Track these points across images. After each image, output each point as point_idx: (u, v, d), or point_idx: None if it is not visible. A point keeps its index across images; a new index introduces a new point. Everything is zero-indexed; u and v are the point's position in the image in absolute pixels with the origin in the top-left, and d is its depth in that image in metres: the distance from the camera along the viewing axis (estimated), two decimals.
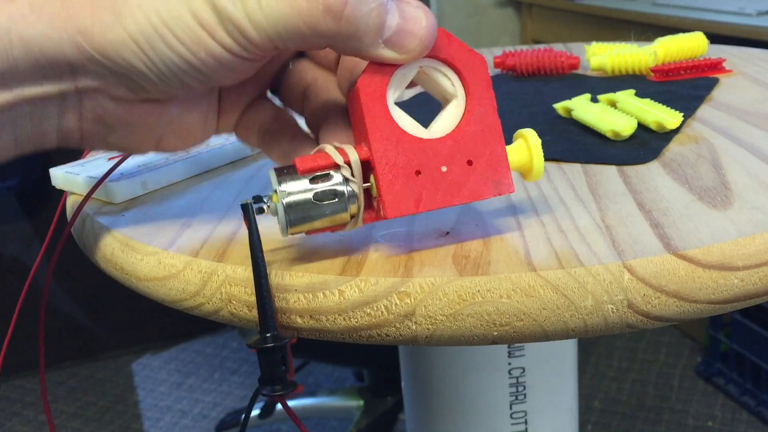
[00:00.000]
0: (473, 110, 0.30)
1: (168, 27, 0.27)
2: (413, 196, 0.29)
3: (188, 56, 0.28)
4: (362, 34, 0.27)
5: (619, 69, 0.60)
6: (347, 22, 0.27)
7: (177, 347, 1.87)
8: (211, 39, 0.27)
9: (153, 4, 0.27)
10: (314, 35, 0.27)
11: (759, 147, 0.40)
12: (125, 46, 0.27)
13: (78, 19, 0.27)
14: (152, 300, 0.34)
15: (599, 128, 0.44)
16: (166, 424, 1.58)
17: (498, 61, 0.64)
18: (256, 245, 0.28)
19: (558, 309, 0.28)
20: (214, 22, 0.27)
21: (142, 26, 0.27)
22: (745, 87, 0.54)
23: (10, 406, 1.68)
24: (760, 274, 0.29)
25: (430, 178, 0.29)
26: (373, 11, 0.27)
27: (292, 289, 0.29)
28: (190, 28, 0.27)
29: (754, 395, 1.47)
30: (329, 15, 0.26)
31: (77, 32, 0.27)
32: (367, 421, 1.38)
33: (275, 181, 0.29)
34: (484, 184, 0.30)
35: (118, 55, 0.28)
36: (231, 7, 0.27)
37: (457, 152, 0.30)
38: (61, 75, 0.29)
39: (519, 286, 0.28)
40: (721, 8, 1.43)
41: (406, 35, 0.28)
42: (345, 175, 0.29)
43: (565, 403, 0.62)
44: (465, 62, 0.30)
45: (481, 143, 0.30)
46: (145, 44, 0.27)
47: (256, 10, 0.27)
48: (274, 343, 0.28)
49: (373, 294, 0.28)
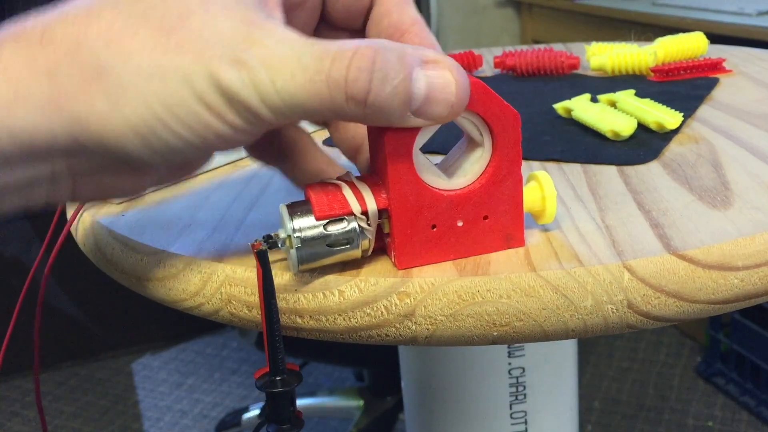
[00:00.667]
0: (499, 166, 0.29)
1: (172, 113, 0.25)
2: (425, 249, 0.29)
3: (194, 140, 0.26)
4: (389, 114, 0.25)
5: (619, 69, 0.60)
6: (372, 107, 0.25)
7: (177, 347, 1.87)
8: (220, 122, 0.25)
9: (151, 88, 0.25)
10: (337, 116, 0.26)
11: (759, 147, 0.40)
12: (125, 137, 0.25)
13: (71, 106, 0.25)
14: (152, 300, 0.34)
15: (599, 128, 0.44)
16: (166, 424, 1.58)
17: (498, 61, 0.64)
18: (269, 292, 0.28)
19: (558, 309, 0.28)
20: (221, 104, 0.25)
21: (142, 115, 0.25)
22: (745, 87, 0.54)
23: (10, 406, 1.68)
24: (759, 275, 0.29)
25: (445, 231, 0.29)
26: (398, 88, 0.25)
27: (293, 289, 0.29)
28: (196, 113, 0.25)
29: (754, 395, 1.47)
30: (353, 102, 0.25)
31: (71, 121, 0.25)
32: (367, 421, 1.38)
33: (287, 220, 0.28)
34: (495, 239, 0.30)
35: (118, 146, 0.25)
36: (243, 90, 0.24)
37: (476, 207, 0.29)
38: (54, 161, 0.26)
39: (519, 286, 0.28)
40: (721, 8, 1.43)
41: (435, 104, 0.26)
42: (361, 225, 0.28)
43: (565, 403, 0.62)
44: (498, 117, 0.28)
45: (500, 199, 0.29)
46: (148, 134, 0.25)
47: (270, 93, 0.24)
48: (283, 387, 0.29)
49: (373, 294, 0.28)
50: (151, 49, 0.25)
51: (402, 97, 0.25)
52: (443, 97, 0.26)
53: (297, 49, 0.25)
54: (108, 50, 0.25)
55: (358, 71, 0.24)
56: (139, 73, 0.25)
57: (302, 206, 0.28)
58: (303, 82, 0.24)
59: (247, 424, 1.45)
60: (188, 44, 0.25)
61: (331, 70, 0.24)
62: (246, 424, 1.45)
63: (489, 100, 0.28)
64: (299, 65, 0.24)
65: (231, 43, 0.25)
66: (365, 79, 0.24)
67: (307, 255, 0.28)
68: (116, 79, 0.25)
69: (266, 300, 0.28)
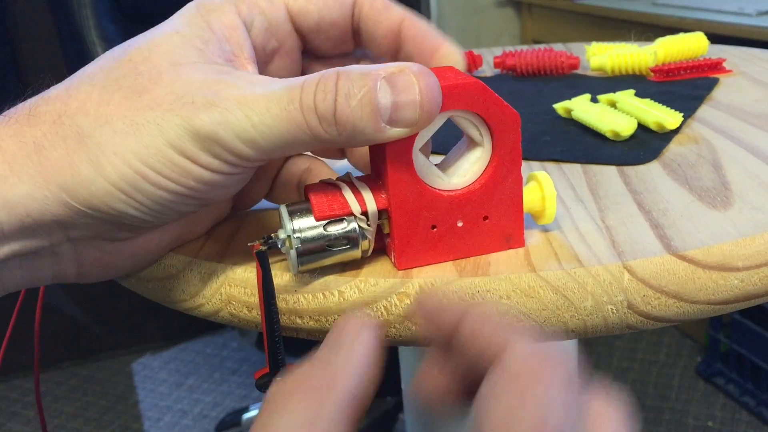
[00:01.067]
0: (499, 165, 0.29)
1: (149, 166, 0.26)
2: (425, 249, 0.29)
3: (176, 188, 0.26)
4: (363, 128, 0.26)
5: (619, 69, 0.60)
6: (343, 124, 0.25)
7: (177, 347, 1.87)
8: (196, 166, 0.26)
9: (128, 145, 0.26)
10: (318, 142, 0.26)
11: (759, 147, 0.40)
12: (111, 196, 0.26)
13: (58, 175, 0.26)
14: (152, 300, 0.34)
15: (599, 128, 0.44)
16: (166, 424, 1.57)
17: (498, 61, 0.64)
18: (269, 293, 0.28)
19: (558, 310, 0.28)
20: (195, 148, 0.26)
21: (122, 172, 0.26)
22: (745, 87, 0.53)
23: (10, 406, 1.68)
24: (760, 275, 0.29)
25: (445, 232, 0.29)
26: (363, 101, 0.25)
27: (292, 289, 0.29)
28: (172, 161, 0.26)
29: (754, 395, 1.47)
30: (325, 123, 0.25)
31: (60, 190, 0.26)
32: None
33: (287, 221, 0.28)
34: (495, 239, 0.30)
35: (107, 206, 0.26)
36: (219, 130, 0.25)
37: (476, 208, 0.29)
38: (51, 230, 0.27)
39: (519, 286, 0.28)
40: (721, 8, 1.43)
41: (404, 108, 0.26)
42: (361, 225, 0.28)
43: None
44: (498, 117, 0.28)
45: (500, 200, 0.29)
46: (130, 189, 0.26)
47: (247, 129, 0.25)
48: None
49: (373, 295, 0.28)
50: (126, 110, 0.26)
51: (368, 108, 0.25)
52: (410, 99, 0.26)
53: (268, 86, 0.26)
54: (87, 119, 0.26)
55: (323, 93, 0.25)
56: (115, 133, 0.26)
57: (302, 207, 0.28)
58: (278, 112, 0.25)
59: (247, 424, 1.44)
60: (160, 99, 0.26)
61: (302, 97, 0.25)
62: (246, 424, 1.45)
63: (489, 100, 0.28)
64: (273, 98, 0.25)
65: (203, 90, 0.26)
66: (330, 98, 0.25)
67: (307, 256, 0.28)
68: (96, 143, 0.26)
69: (266, 301, 0.28)
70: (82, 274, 0.30)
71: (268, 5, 0.31)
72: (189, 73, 0.27)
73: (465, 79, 0.28)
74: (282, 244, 0.28)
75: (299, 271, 0.29)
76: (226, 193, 0.29)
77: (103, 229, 0.28)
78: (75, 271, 0.30)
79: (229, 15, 0.30)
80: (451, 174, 0.29)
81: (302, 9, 0.31)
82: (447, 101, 0.27)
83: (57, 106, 0.27)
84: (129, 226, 0.28)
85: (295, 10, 0.31)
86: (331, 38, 0.31)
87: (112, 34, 0.99)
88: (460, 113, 0.28)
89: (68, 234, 0.28)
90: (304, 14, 0.31)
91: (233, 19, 0.30)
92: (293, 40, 0.32)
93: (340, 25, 0.31)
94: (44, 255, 0.28)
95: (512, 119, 0.29)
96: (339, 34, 0.31)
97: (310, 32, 0.31)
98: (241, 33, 0.30)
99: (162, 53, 0.27)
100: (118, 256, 0.30)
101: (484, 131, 0.29)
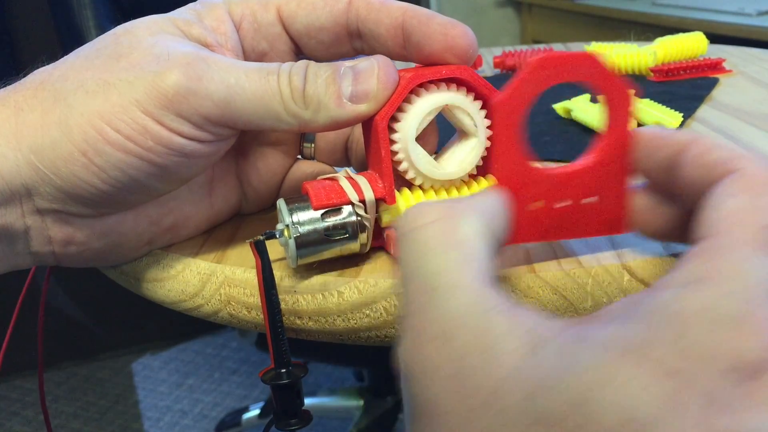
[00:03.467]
0: (610, 145, 0.27)
1: (111, 125, 0.26)
2: (521, 228, 0.29)
3: (136, 150, 0.26)
4: (326, 102, 0.27)
5: (619, 69, 0.60)
6: (310, 99, 0.27)
7: (177, 347, 1.87)
8: (160, 126, 0.26)
9: (95, 105, 0.26)
10: (288, 115, 0.27)
11: (759, 147, 0.40)
12: (73, 158, 0.26)
13: (30, 138, 0.26)
14: (152, 301, 0.34)
15: (599, 128, 0.44)
16: (166, 424, 1.57)
17: (498, 61, 0.64)
18: (269, 283, 0.28)
19: (557, 310, 0.28)
20: (161, 110, 0.26)
21: (85, 132, 0.26)
22: (745, 87, 0.53)
23: (10, 406, 1.68)
24: None
25: (543, 212, 0.28)
26: (327, 80, 0.28)
27: (292, 290, 0.29)
28: (134, 120, 0.26)
29: None
30: (297, 94, 0.27)
31: (30, 151, 0.26)
32: (367, 421, 1.38)
33: (286, 213, 0.28)
34: (596, 223, 0.27)
35: (68, 171, 0.26)
36: (194, 86, 0.26)
37: (579, 189, 0.27)
38: (20, 198, 0.27)
39: (518, 287, 0.28)
40: (721, 8, 1.43)
41: (363, 82, 0.28)
42: (358, 212, 0.28)
43: None
44: (612, 88, 0.27)
45: (607, 182, 0.27)
46: (91, 151, 0.26)
47: (220, 89, 0.26)
48: (289, 379, 0.28)
49: (372, 295, 0.28)
50: (101, 72, 0.27)
51: (332, 87, 0.27)
52: (369, 73, 0.28)
53: (244, 63, 0.28)
54: (65, 83, 0.27)
55: (296, 74, 0.28)
56: (86, 92, 0.26)
57: (300, 199, 0.29)
58: (257, 78, 0.27)
59: (247, 424, 1.44)
60: (136, 60, 0.27)
61: (279, 73, 0.27)
62: (246, 424, 1.44)
63: (600, 70, 0.27)
64: (252, 67, 0.27)
65: (180, 58, 0.27)
66: (301, 76, 0.27)
67: (306, 247, 0.28)
68: (68, 105, 0.26)
69: (266, 290, 0.28)
70: (58, 254, 0.30)
71: (260, 8, 0.31)
72: (169, 42, 0.28)
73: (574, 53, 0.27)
74: (280, 234, 0.28)
75: (298, 264, 0.29)
76: (187, 171, 0.29)
77: (67, 203, 0.28)
78: (49, 249, 0.29)
79: (220, 10, 0.31)
80: (446, 164, 0.29)
81: (292, 13, 0.31)
82: (560, 71, 0.26)
83: (41, 75, 0.28)
84: (91, 202, 0.28)
85: (285, 14, 0.31)
86: (323, 42, 0.31)
87: None
88: (459, 101, 0.28)
89: (36, 204, 0.28)
90: (293, 18, 0.31)
91: (222, 15, 0.31)
92: (283, 43, 0.32)
93: (331, 30, 0.31)
94: (17, 228, 0.28)
95: (625, 91, 0.27)
96: (330, 38, 0.31)
97: (300, 36, 0.31)
98: (228, 27, 0.31)
99: (144, 27, 0.29)
100: (91, 236, 0.30)
101: (478, 120, 0.29)
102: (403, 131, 0.28)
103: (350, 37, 0.31)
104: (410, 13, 0.29)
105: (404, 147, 0.28)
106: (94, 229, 0.29)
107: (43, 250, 0.29)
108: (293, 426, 0.28)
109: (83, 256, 0.30)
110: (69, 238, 0.29)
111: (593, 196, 0.27)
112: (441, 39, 0.29)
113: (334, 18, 0.31)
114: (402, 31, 0.30)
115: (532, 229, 0.27)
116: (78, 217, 0.29)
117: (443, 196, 0.29)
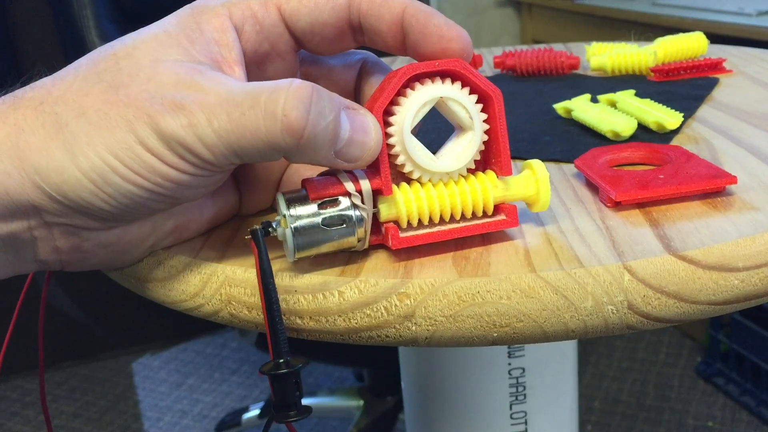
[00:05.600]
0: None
1: (118, 159, 0.26)
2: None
3: (144, 183, 0.27)
4: (319, 148, 0.27)
5: (619, 69, 0.60)
6: (306, 140, 0.26)
7: (177, 347, 1.87)
8: (163, 164, 0.27)
9: (100, 138, 0.26)
10: (272, 150, 0.27)
11: (759, 147, 0.40)
12: (81, 185, 0.27)
13: (33, 159, 0.27)
14: (152, 300, 0.34)
15: (599, 128, 0.44)
16: (166, 424, 1.57)
17: (498, 61, 0.64)
18: (266, 272, 0.28)
19: (558, 310, 0.28)
20: (162, 148, 0.26)
21: (93, 163, 0.26)
22: (745, 87, 0.53)
23: (10, 406, 1.68)
24: (760, 275, 0.29)
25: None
26: (330, 125, 0.27)
27: (292, 290, 0.29)
28: (140, 157, 0.26)
29: (754, 395, 1.47)
30: (288, 133, 0.26)
31: (34, 172, 0.27)
32: (367, 421, 1.38)
33: (284, 206, 0.28)
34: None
35: (76, 195, 0.27)
36: (182, 133, 0.26)
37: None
38: (27, 213, 0.28)
39: (519, 287, 0.28)
40: (721, 8, 1.43)
41: (355, 146, 0.28)
42: (355, 202, 0.28)
43: (565, 403, 0.62)
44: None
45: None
46: (100, 180, 0.27)
47: (208, 133, 0.26)
48: (287, 369, 0.28)
49: (373, 295, 0.28)
50: (101, 103, 0.27)
51: (332, 134, 0.27)
52: (362, 140, 0.28)
53: (233, 89, 0.27)
54: (66, 108, 0.27)
55: (296, 101, 0.26)
56: (90, 124, 0.27)
57: (298, 194, 0.29)
58: (237, 117, 0.26)
59: (247, 424, 1.45)
60: (133, 95, 0.27)
61: (267, 102, 0.26)
62: (246, 424, 1.45)
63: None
64: (233, 103, 0.26)
65: (172, 92, 0.27)
66: (304, 109, 0.26)
67: (304, 238, 0.28)
68: (71, 132, 0.27)
69: (264, 279, 0.28)
70: (64, 261, 0.30)
71: (261, 9, 0.31)
72: (165, 72, 0.27)
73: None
74: (278, 224, 0.28)
75: (296, 257, 0.29)
76: (196, 194, 0.29)
77: (75, 218, 0.28)
78: (56, 257, 0.30)
79: (221, 18, 0.30)
80: (444, 157, 0.30)
81: (294, 11, 0.31)
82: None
83: (41, 93, 0.28)
84: (99, 218, 0.28)
85: (287, 13, 0.31)
86: (326, 39, 0.31)
87: (112, 34, 0.99)
88: (451, 93, 0.29)
89: (43, 218, 0.28)
90: (296, 16, 0.31)
91: (224, 22, 0.30)
92: (285, 42, 0.32)
93: (334, 26, 0.31)
94: (24, 238, 0.28)
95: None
96: (334, 34, 0.31)
97: (303, 34, 0.31)
98: (230, 35, 0.30)
99: (145, 50, 0.28)
100: (96, 246, 0.30)
101: (474, 113, 0.29)
102: (399, 124, 0.28)
103: (353, 32, 0.31)
104: (410, 10, 0.29)
105: (400, 139, 0.28)
106: (100, 239, 0.30)
107: (49, 258, 0.30)
108: (292, 417, 0.28)
109: (88, 263, 0.31)
110: (75, 248, 0.30)
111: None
112: (436, 41, 0.29)
113: (336, 14, 0.31)
114: (401, 29, 0.30)
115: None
116: (85, 230, 0.29)
117: (441, 191, 0.29)
